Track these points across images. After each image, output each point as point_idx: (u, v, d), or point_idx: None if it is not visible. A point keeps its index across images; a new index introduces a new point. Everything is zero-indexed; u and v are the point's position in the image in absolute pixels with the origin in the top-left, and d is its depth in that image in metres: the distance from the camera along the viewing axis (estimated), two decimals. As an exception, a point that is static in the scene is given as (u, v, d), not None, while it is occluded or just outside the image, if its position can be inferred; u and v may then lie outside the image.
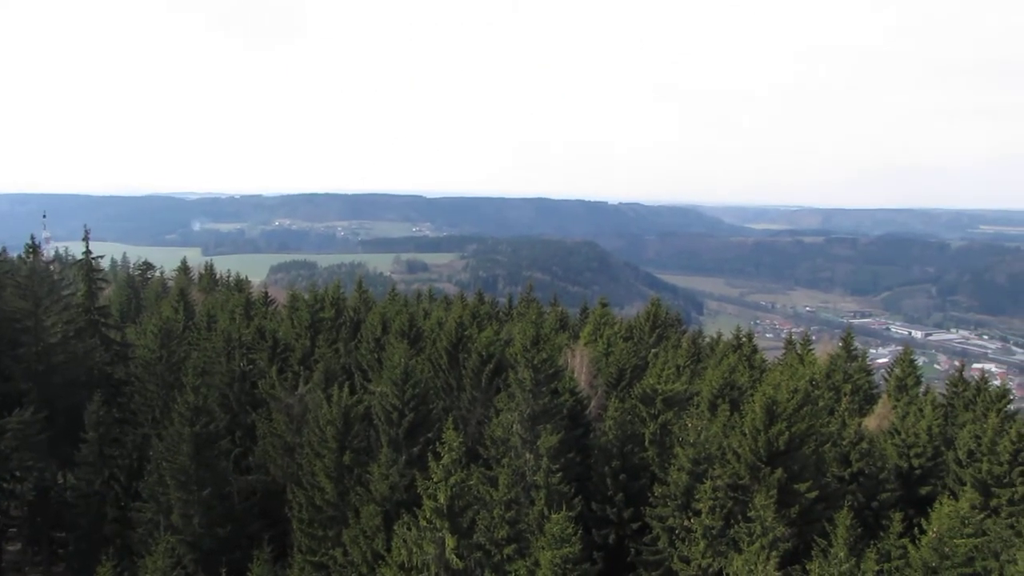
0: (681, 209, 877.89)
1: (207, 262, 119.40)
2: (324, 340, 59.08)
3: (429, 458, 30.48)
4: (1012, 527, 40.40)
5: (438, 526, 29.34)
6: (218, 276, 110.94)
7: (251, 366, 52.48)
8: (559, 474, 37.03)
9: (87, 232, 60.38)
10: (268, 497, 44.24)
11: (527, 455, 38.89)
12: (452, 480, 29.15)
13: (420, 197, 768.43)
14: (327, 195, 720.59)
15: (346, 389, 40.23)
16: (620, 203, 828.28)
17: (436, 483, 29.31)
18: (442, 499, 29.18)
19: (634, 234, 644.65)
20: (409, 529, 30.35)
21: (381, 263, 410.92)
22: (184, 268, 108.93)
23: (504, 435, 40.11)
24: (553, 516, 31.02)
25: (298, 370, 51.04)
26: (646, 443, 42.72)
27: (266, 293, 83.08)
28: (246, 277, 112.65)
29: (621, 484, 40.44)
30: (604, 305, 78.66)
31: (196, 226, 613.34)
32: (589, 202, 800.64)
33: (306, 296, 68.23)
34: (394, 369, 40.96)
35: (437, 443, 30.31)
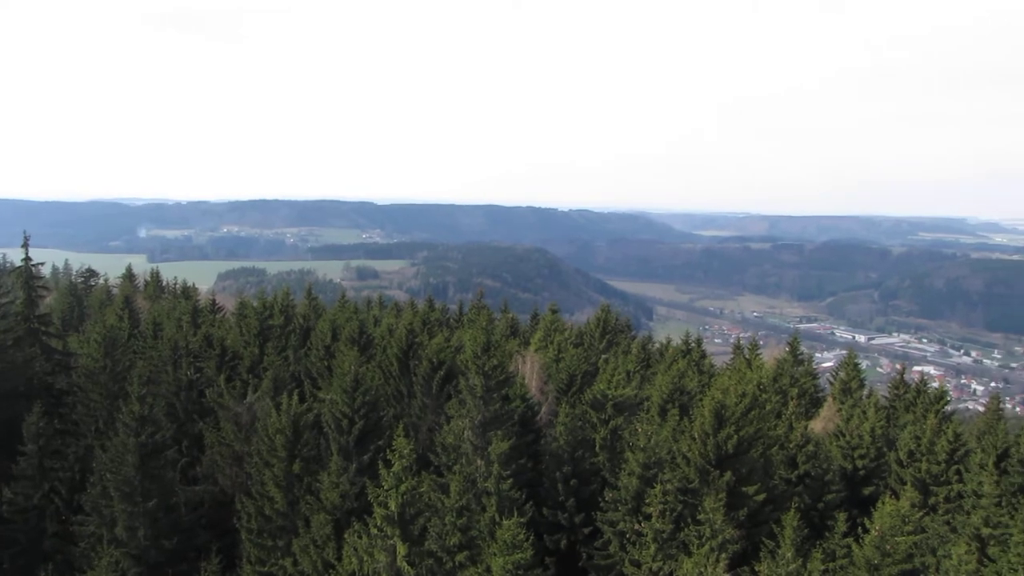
0: (631, 216, 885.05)
1: (153, 269, 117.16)
2: (273, 348, 58.43)
3: (380, 466, 30.26)
4: (948, 523, 41.58)
5: (389, 534, 29.14)
6: (164, 283, 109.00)
7: (199, 375, 51.71)
8: (510, 480, 37.05)
9: (27, 238, 58.88)
10: (216, 507, 43.57)
11: (478, 461, 38.85)
12: (403, 487, 28.98)
13: (370, 204, 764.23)
14: (276, 201, 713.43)
15: (295, 397, 39.77)
16: (570, 210, 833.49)
17: (387, 491, 29.11)
18: (393, 507, 28.99)
19: (584, 241, 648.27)
20: (360, 537, 30.10)
21: (331, 270, 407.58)
22: (129, 275, 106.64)
23: (455, 442, 40.05)
24: (505, 522, 30.99)
25: (247, 378, 50.42)
26: (597, 448, 42.93)
27: (214, 300, 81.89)
28: (193, 284, 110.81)
29: (572, 489, 40.59)
30: (554, 311, 79.00)
31: (142, 232, 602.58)
32: (540, 209, 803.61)
33: (255, 303, 67.44)
34: (344, 376, 40.65)
35: (388, 450, 30.10)
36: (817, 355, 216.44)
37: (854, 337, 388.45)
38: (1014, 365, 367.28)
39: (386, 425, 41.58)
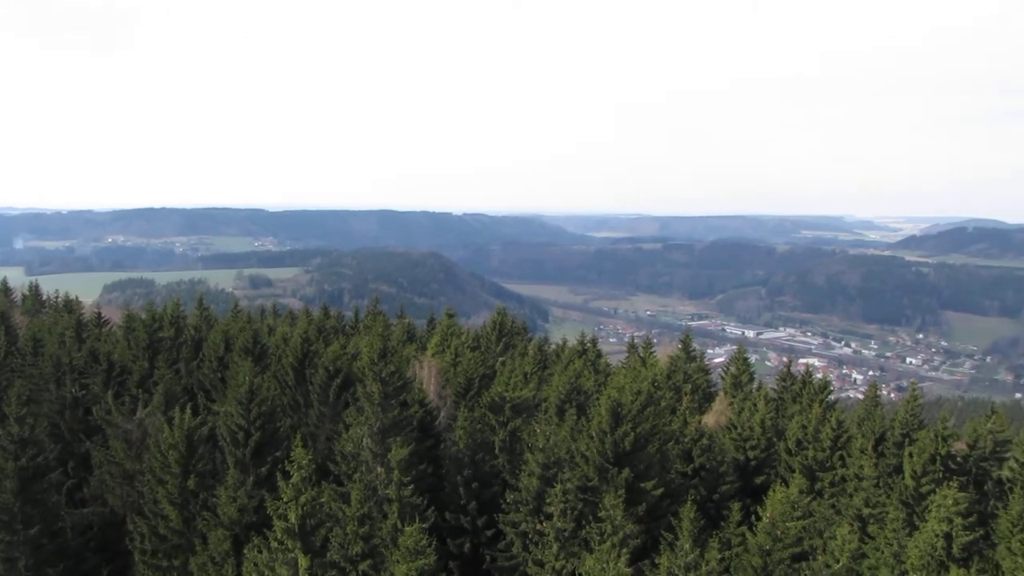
0: (525, 219, 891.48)
1: (31, 282, 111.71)
2: (164, 361, 56.67)
3: (278, 477, 29.84)
4: (833, 506, 43.58)
5: (290, 547, 28.78)
6: (44, 297, 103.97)
7: (84, 391, 49.72)
8: (411, 486, 36.95)
9: None
10: (106, 529, 42.02)
11: (378, 469, 38.64)
12: (303, 499, 28.66)
13: (262, 211, 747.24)
14: (164, 209, 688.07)
15: (188, 411, 38.75)
16: (465, 214, 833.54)
17: (286, 503, 28.75)
18: (293, 519, 28.65)
19: (479, 244, 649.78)
20: (260, 552, 29.60)
21: (223, 279, 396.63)
22: (4, 289, 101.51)
23: (354, 450, 39.72)
24: (407, 529, 30.93)
25: (136, 393, 48.77)
26: (496, 451, 43.19)
27: (99, 313, 78.64)
28: (76, 297, 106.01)
29: (474, 493, 40.74)
30: (451, 316, 79.03)
31: (18, 243, 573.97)
32: (434, 213, 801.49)
33: (143, 315, 65.15)
34: (239, 388, 39.86)
35: (286, 462, 29.72)
36: (709, 351, 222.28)
37: (743, 332, 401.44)
38: (889, 354, 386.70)
39: (283, 436, 40.92)
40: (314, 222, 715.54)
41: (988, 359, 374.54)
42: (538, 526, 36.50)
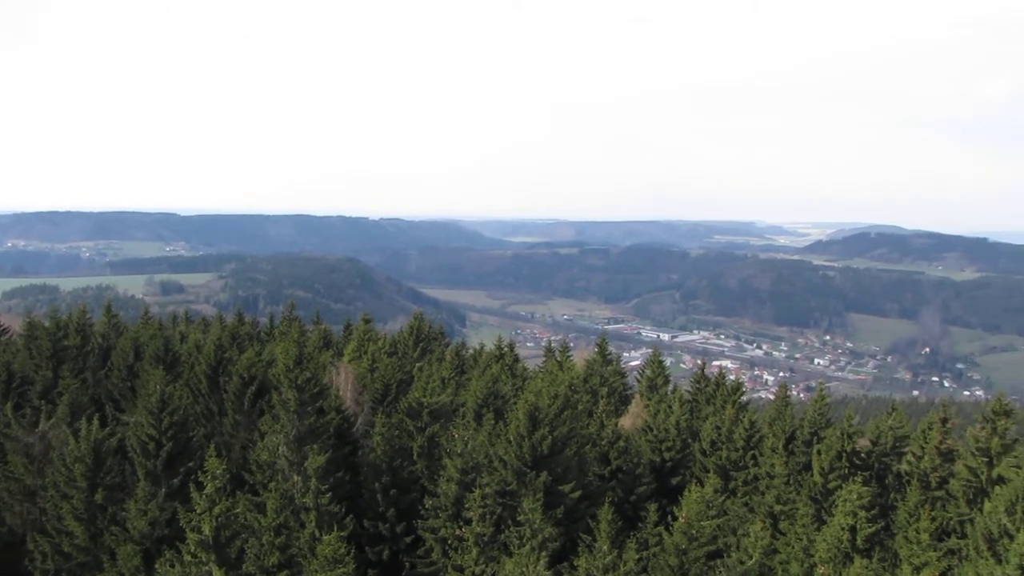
0: (442, 224, 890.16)
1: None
2: (69, 370, 54.77)
3: (191, 488, 29.18)
4: (747, 504, 44.76)
5: (204, 559, 28.12)
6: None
7: (-19, 404, 47.72)
8: (329, 494, 36.55)
9: None
10: (4, 550, 40.36)
11: (295, 477, 38.10)
12: (217, 509, 28.06)
13: (173, 215, 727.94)
14: (68, 213, 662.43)
15: (96, 422, 37.59)
16: (382, 219, 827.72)
17: (200, 514, 28.09)
18: (207, 530, 28.01)
19: (396, 249, 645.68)
20: (172, 566, 28.85)
21: (132, 285, 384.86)
22: None
23: (270, 458, 39.07)
24: (325, 538, 30.56)
25: (39, 405, 47.00)
26: (415, 456, 43.03)
27: (-3, 322, 75.72)
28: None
29: (392, 499, 40.50)
30: (367, 321, 78.27)
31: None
32: (350, 218, 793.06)
33: (46, 323, 62.93)
34: (149, 397, 38.84)
35: (199, 472, 29.08)
36: (625, 354, 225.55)
37: (659, 336, 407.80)
38: (798, 356, 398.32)
39: (196, 446, 40.03)
40: (228, 226, 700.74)
41: (889, 359, 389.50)
42: (457, 531, 36.46)
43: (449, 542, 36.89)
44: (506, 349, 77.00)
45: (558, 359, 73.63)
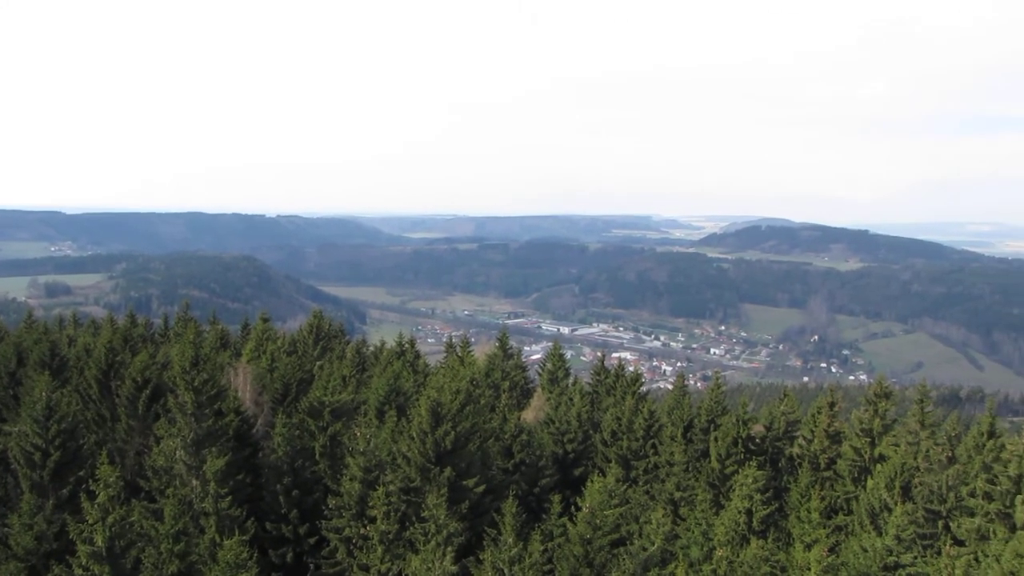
0: (340, 220, 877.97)
1: None
2: (-56, 379, 52.10)
3: (82, 498, 28.18)
4: (648, 492, 45.85)
5: (97, 572, 27.22)
6: None
7: None
8: (229, 498, 35.83)
9: None
10: None
11: (193, 482, 37.20)
12: (110, 519, 27.21)
13: (58, 213, 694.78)
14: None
15: (-24, 432, 35.91)
16: (279, 216, 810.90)
17: (92, 525, 27.19)
18: (100, 541, 27.12)
19: (294, 247, 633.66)
20: (63, 579, 27.86)
21: (14, 287, 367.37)
22: None
23: (167, 463, 38.04)
24: (226, 542, 29.97)
25: (-89, 416, 44.65)
26: (317, 456, 42.50)
27: None
28: None
29: (295, 500, 39.92)
30: (266, 320, 76.75)
31: None
32: (246, 215, 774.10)
33: (-82, 331, 59.67)
34: (34, 405, 37.24)
35: (91, 481, 28.12)
36: (526, 348, 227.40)
37: (559, 329, 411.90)
38: (695, 346, 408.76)
39: (87, 453, 38.58)
40: (117, 225, 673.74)
41: (780, 347, 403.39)
42: (362, 530, 36.23)
43: (354, 541, 36.63)
44: (407, 345, 76.57)
45: (459, 354, 73.62)
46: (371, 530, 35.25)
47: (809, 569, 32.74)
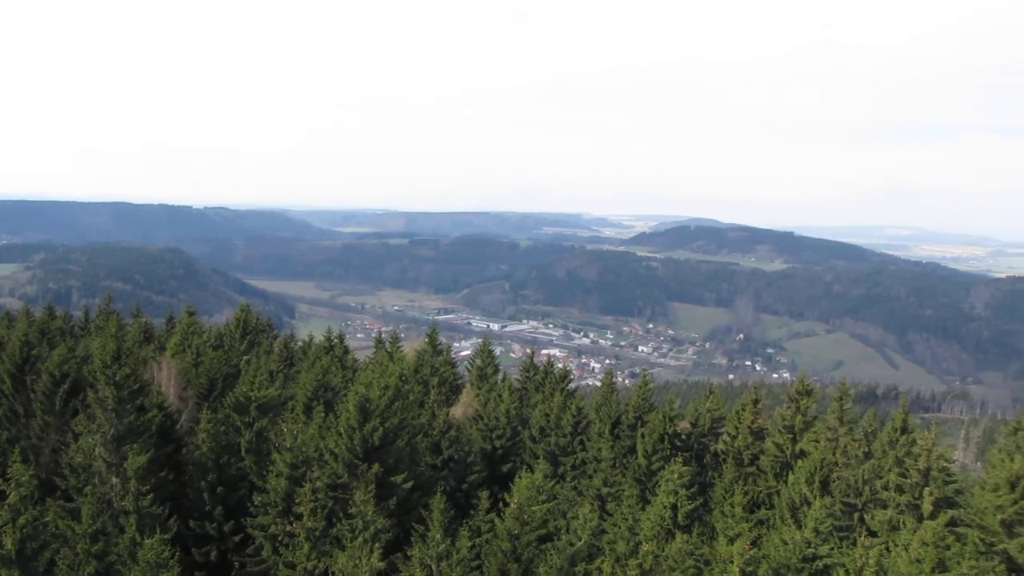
0: (269, 213, 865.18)
1: None
2: None
3: (-7, 498, 27.28)
4: (575, 488, 46.29)
5: None
6: None
7: None
8: (150, 496, 35.04)
9: None
10: None
11: (113, 480, 36.30)
12: (22, 520, 26.36)
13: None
14: None
15: None
16: (206, 207, 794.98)
17: (2, 526, 26.31)
18: (10, 544, 26.26)
19: (221, 239, 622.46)
20: (-30, 583, 26.93)
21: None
22: None
23: (85, 461, 37.03)
24: (146, 542, 29.34)
25: None
26: (243, 452, 41.85)
27: None
28: None
29: (219, 497, 39.23)
30: (191, 313, 75.26)
31: None
32: (172, 207, 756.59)
33: None
34: (-56, 400, 35.94)
35: (1, 480, 27.22)
36: (455, 344, 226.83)
37: (489, 326, 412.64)
38: (623, 343, 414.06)
39: (-1, 451, 37.39)
40: (34, 213, 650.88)
41: (707, 345, 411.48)
42: (288, 527, 35.84)
43: (280, 538, 36.20)
44: (336, 340, 75.81)
45: (388, 350, 73.21)
46: (297, 527, 34.89)
47: (732, 562, 33.39)
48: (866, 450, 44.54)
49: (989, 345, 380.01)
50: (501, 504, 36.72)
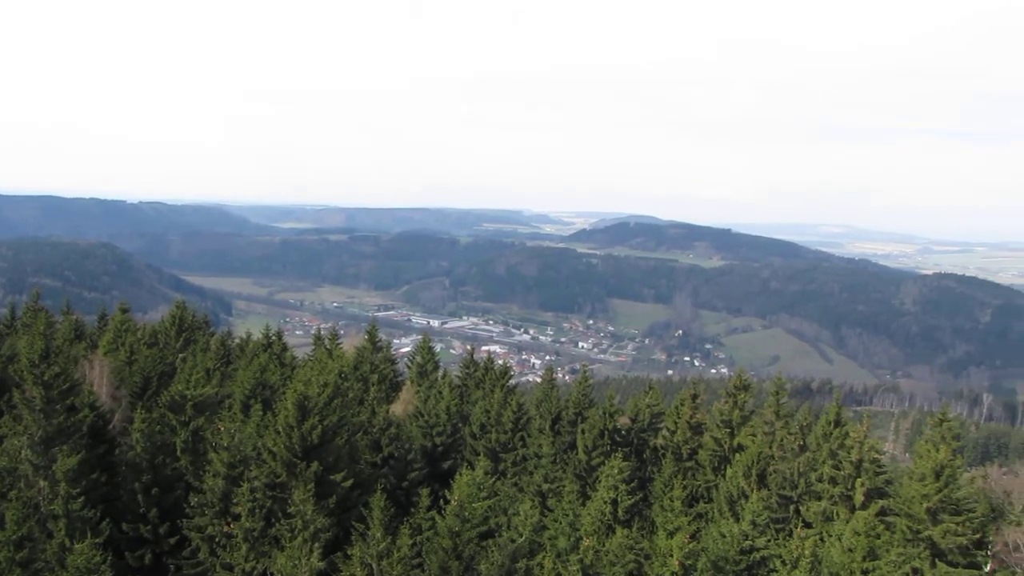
0: (206, 208, 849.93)
1: None
2: None
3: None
4: (516, 484, 46.40)
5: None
6: None
7: None
8: (81, 499, 34.23)
9: None
10: None
11: (41, 483, 35.36)
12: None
13: None
14: None
15: None
16: (140, 202, 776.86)
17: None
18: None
19: (156, 235, 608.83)
20: None
21: None
22: None
23: (10, 464, 35.93)
24: (76, 547, 28.62)
25: None
26: (178, 452, 41.11)
27: None
28: None
29: (154, 499, 38.45)
30: (125, 311, 73.62)
31: None
32: (105, 201, 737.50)
33: None
34: None
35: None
36: (395, 341, 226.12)
37: (429, 322, 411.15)
38: (563, 340, 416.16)
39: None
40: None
41: (646, 341, 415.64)
42: (225, 528, 35.32)
43: (217, 540, 35.67)
44: (274, 338, 74.86)
45: (328, 347, 72.54)
46: (235, 528, 34.41)
47: (671, 556, 33.86)
48: (801, 443, 45.52)
49: (917, 340, 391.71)
50: (442, 501, 36.67)
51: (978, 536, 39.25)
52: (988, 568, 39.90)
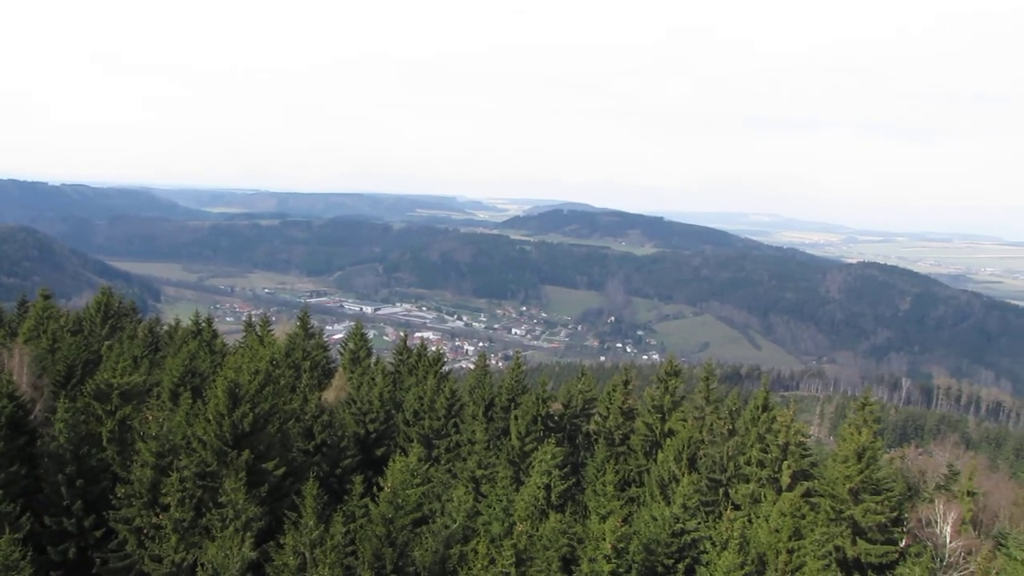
0: (133, 192, 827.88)
1: None
2: None
3: None
4: (450, 471, 46.60)
5: None
6: None
7: None
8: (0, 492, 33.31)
9: None
10: None
11: (-41, 474, 34.31)
12: None
13: None
14: None
15: None
16: (63, 184, 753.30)
17: None
18: None
19: (80, 218, 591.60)
20: None
21: None
22: None
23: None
24: (-5, 541, 27.90)
25: None
26: (104, 442, 40.23)
27: None
28: None
29: (79, 491, 37.54)
30: (47, 297, 71.62)
31: None
32: (24, 182, 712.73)
33: None
34: None
35: None
36: (328, 328, 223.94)
37: (362, 309, 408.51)
38: (496, 326, 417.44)
39: None
40: None
41: (579, 327, 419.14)
42: (154, 519, 34.75)
43: (145, 531, 35.06)
44: (204, 324, 73.74)
45: (259, 334, 71.65)
46: (164, 519, 33.90)
47: (604, 539, 34.37)
48: (731, 427, 46.61)
49: (842, 326, 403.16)
50: (375, 488, 36.66)
51: (895, 514, 40.86)
52: (903, 544, 41.55)
